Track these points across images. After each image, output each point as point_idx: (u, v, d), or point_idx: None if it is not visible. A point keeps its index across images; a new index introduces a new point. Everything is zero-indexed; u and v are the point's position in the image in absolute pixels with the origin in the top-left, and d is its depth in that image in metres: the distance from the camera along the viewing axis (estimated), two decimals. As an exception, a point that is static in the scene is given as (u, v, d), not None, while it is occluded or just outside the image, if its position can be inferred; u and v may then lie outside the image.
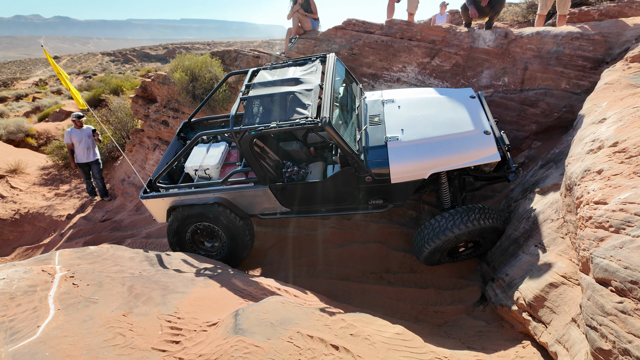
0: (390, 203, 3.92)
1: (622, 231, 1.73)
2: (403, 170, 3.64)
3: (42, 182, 8.67)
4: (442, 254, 3.89)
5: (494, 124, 3.84)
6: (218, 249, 4.36)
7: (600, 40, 4.97)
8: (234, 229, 4.10)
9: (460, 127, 3.75)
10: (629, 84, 3.79)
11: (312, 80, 3.91)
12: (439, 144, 3.64)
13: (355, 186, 3.77)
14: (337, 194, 3.87)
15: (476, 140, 3.63)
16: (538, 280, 2.74)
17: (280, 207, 4.10)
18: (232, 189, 4.00)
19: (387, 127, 3.93)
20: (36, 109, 16.21)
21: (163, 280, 2.75)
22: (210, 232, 4.28)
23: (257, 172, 3.79)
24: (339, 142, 3.45)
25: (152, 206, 4.24)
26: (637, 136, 2.17)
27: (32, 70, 60.87)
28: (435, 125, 3.83)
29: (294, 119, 3.45)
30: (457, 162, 3.60)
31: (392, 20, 6.23)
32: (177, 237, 4.26)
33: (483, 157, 3.59)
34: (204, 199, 4.04)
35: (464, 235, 3.61)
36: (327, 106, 3.48)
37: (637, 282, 1.54)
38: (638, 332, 1.50)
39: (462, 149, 3.60)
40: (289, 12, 6.94)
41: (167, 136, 7.52)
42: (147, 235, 6.09)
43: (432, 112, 4.03)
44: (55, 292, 2.19)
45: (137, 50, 64.84)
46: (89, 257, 2.92)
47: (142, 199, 4.16)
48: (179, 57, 7.22)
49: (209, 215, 4.04)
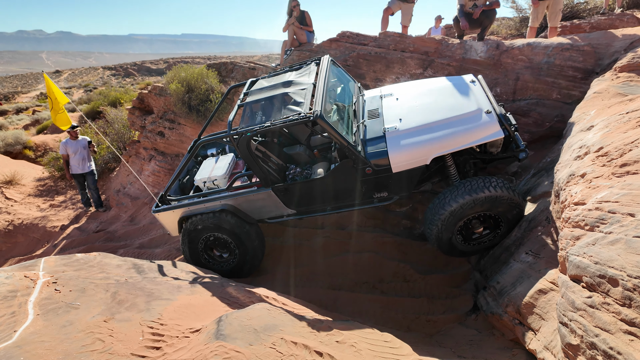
0: (396, 195, 3.78)
1: (596, 229, 1.72)
2: (403, 158, 3.54)
3: (37, 193, 8.66)
4: (453, 235, 3.63)
5: (497, 104, 3.68)
6: (230, 259, 4.35)
7: (589, 51, 5.03)
8: (242, 235, 4.07)
9: (460, 109, 3.64)
10: (617, 92, 3.82)
11: (306, 81, 3.96)
12: (439, 128, 3.53)
13: (357, 179, 3.69)
14: (339, 189, 3.81)
15: (477, 120, 3.50)
16: (527, 287, 2.71)
17: (286, 209, 4.07)
18: (236, 194, 4.00)
19: (385, 119, 3.89)
20: (35, 121, 16.28)
21: (148, 287, 2.72)
22: (222, 242, 4.26)
23: (258, 174, 3.79)
24: (332, 134, 3.44)
25: (164, 219, 4.33)
26: (619, 140, 2.18)
27: (33, 84, 61.40)
28: (435, 110, 3.75)
29: (288, 116, 3.50)
30: (459, 144, 3.46)
31: (386, 32, 6.32)
32: (190, 249, 4.27)
33: (486, 136, 3.43)
34: (211, 207, 4.06)
35: (469, 208, 3.41)
36: (319, 101, 3.51)
37: (605, 275, 1.53)
38: (604, 325, 1.48)
39: (463, 129, 3.47)
40: (284, 24, 7.04)
41: (163, 147, 7.54)
42: (140, 245, 6.05)
43: (431, 100, 3.97)
44: (35, 298, 2.16)
45: (137, 64, 65.55)
46: (75, 264, 2.89)
47: (154, 212, 4.29)
48: (175, 68, 7.29)
49: (216, 223, 4.03)
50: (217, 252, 4.38)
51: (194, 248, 4.26)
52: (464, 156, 3.90)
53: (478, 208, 3.44)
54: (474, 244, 3.79)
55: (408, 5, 6.73)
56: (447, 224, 3.54)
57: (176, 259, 5.05)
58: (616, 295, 1.48)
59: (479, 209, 3.44)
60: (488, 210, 3.46)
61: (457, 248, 3.78)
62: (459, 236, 3.71)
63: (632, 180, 1.78)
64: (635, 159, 1.87)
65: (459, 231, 3.67)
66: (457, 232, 3.66)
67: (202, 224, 4.07)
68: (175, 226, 4.34)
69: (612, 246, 1.59)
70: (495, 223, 3.65)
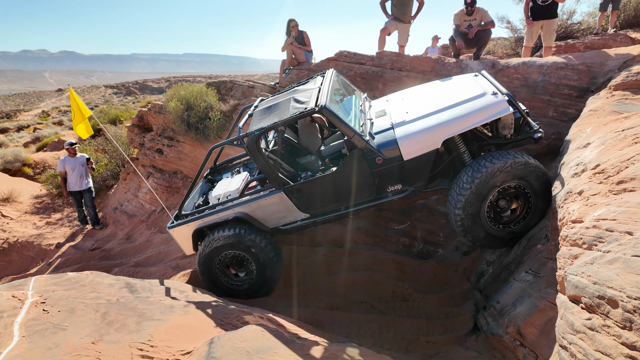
0: (410, 186, 3.66)
1: (594, 247, 1.68)
2: (413, 144, 3.46)
3: (34, 211, 8.61)
4: (481, 215, 3.40)
5: (504, 89, 3.62)
6: (247, 278, 4.24)
7: (584, 70, 5.09)
8: (257, 249, 3.98)
9: (467, 95, 3.64)
10: (612, 110, 3.85)
11: (311, 87, 4.05)
12: (447, 112, 3.51)
13: (368, 171, 3.60)
14: (352, 184, 3.73)
15: (485, 100, 3.48)
16: (528, 307, 2.65)
17: (299, 213, 4.00)
18: (249, 200, 3.96)
19: (392, 115, 3.92)
20: (36, 139, 16.35)
21: (140, 307, 2.65)
22: (238, 260, 4.19)
23: (268, 174, 3.76)
24: (338, 124, 3.46)
25: (178, 235, 4.27)
26: (615, 157, 2.16)
27: (35, 102, 61.99)
28: (441, 100, 3.75)
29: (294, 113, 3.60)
30: (469, 123, 3.40)
31: (383, 51, 6.41)
32: (207, 271, 4.18)
33: (495, 113, 3.38)
34: (224, 216, 4.02)
35: (496, 177, 3.24)
36: (324, 95, 3.60)
37: (604, 296, 1.48)
38: (605, 349, 1.43)
39: (471, 109, 3.44)
40: (283, 44, 7.15)
41: (161, 164, 7.54)
42: (135, 264, 5.97)
43: (437, 93, 4.01)
44: (22, 319, 2.10)
45: (139, 82, 66.38)
46: (65, 283, 2.83)
47: (169, 229, 4.25)
48: (175, 87, 7.36)
49: (231, 241, 3.96)
50: (234, 271, 4.28)
51: (210, 270, 4.16)
52: (478, 143, 3.81)
53: (504, 177, 3.27)
54: (506, 226, 3.55)
55: (404, 26, 6.85)
56: (473, 207, 3.35)
57: (172, 277, 4.97)
58: (616, 318, 1.43)
59: (505, 178, 3.27)
60: (515, 179, 3.30)
61: (488, 232, 3.49)
62: (489, 216, 3.46)
63: (629, 198, 1.75)
64: (632, 176, 1.85)
65: (488, 211, 3.45)
66: (485, 212, 3.43)
67: (217, 242, 3.99)
68: (190, 242, 4.25)
69: (610, 265, 1.55)
70: (525, 200, 3.46)
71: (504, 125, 3.63)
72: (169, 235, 6.35)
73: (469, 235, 3.55)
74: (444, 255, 4.80)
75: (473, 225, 3.46)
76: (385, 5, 6.87)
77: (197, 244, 4.29)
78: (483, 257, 4.22)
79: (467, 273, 4.36)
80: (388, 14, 6.88)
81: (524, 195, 3.44)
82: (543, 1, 5.88)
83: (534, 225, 3.49)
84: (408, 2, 6.69)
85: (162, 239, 6.36)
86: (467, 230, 3.51)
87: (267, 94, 6.72)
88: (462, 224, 3.48)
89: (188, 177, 7.42)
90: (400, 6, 6.72)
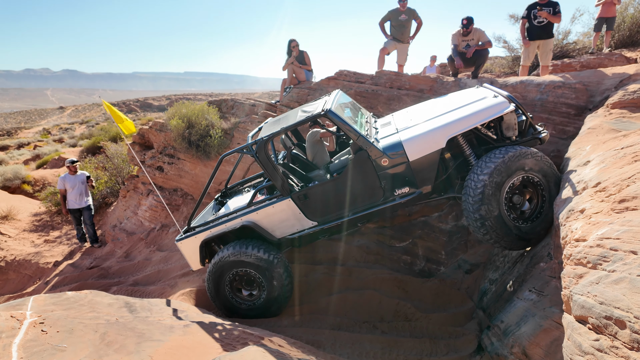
0: (418, 188, 3.67)
1: (599, 266, 1.68)
2: (418, 144, 3.52)
3: (32, 229, 8.56)
4: (501, 211, 3.30)
5: (505, 93, 3.71)
6: (258, 295, 4.17)
7: (581, 89, 5.16)
8: (266, 265, 3.93)
9: (469, 100, 3.80)
10: (610, 128, 3.89)
11: (318, 102, 4.17)
12: (450, 114, 3.63)
13: (374, 173, 3.64)
14: (359, 188, 3.75)
15: (486, 102, 3.61)
16: (533, 326, 2.61)
17: (307, 220, 3.98)
18: (256, 208, 3.97)
19: (397, 123, 4.06)
20: (36, 156, 16.40)
21: (139, 328, 2.61)
22: (248, 278, 4.13)
23: (276, 180, 3.79)
24: (343, 127, 3.56)
25: (186, 248, 4.24)
26: (616, 175, 2.18)
27: (36, 120, 62.43)
28: (444, 106, 3.90)
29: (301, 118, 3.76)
30: (472, 122, 3.49)
31: (382, 70, 6.51)
32: (216, 291, 4.12)
33: (496, 111, 3.49)
34: (232, 226, 4.01)
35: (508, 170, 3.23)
36: (330, 102, 3.76)
37: (611, 317, 1.47)
38: None
39: (474, 110, 3.54)
40: (284, 64, 7.27)
41: (161, 181, 7.55)
42: (134, 282, 5.90)
43: (440, 103, 4.17)
44: (20, 340, 2.07)
45: (140, 100, 67.03)
46: (64, 302, 2.80)
47: (177, 242, 4.24)
48: (176, 105, 7.44)
49: (239, 258, 3.92)
50: (245, 290, 4.21)
51: (219, 288, 4.10)
52: (484, 147, 3.82)
53: (516, 166, 3.27)
54: (527, 221, 3.46)
55: (403, 46, 7.00)
56: (491, 195, 3.28)
57: (171, 296, 4.91)
58: (624, 339, 1.41)
59: (517, 169, 3.28)
60: (526, 171, 3.30)
61: (510, 229, 3.36)
62: (509, 212, 3.38)
63: (632, 217, 1.76)
64: (634, 194, 1.86)
65: (506, 205, 3.38)
66: (505, 207, 3.35)
67: (227, 259, 3.96)
68: (197, 256, 4.21)
69: (616, 285, 1.54)
70: (537, 191, 3.44)
71: (508, 126, 3.67)
72: (168, 254, 6.31)
73: (493, 233, 3.39)
74: (446, 274, 4.76)
75: (496, 223, 3.34)
76: (385, 26, 7.05)
77: (205, 260, 4.25)
78: (486, 275, 4.18)
79: (469, 292, 4.32)
80: (387, 34, 7.04)
81: (535, 187, 3.44)
82: (539, 22, 6.01)
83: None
84: (407, 22, 6.87)
85: (161, 257, 6.31)
86: (491, 230, 3.37)
87: (271, 114, 6.80)
88: (483, 222, 3.35)
89: (188, 195, 7.42)
90: (399, 27, 6.90)
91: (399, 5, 6.83)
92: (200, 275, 5.23)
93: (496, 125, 3.75)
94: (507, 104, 3.52)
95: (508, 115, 3.59)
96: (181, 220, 6.80)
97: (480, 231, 3.44)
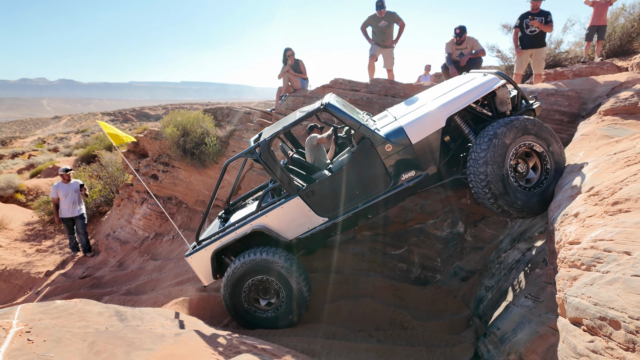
0: (423, 170, 3.73)
1: (593, 268, 1.66)
2: (419, 126, 3.62)
3: (24, 238, 8.45)
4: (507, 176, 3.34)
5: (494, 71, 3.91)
6: (276, 304, 4.06)
7: (574, 96, 5.21)
8: (285, 270, 3.85)
9: (461, 82, 3.95)
10: (603, 135, 3.92)
11: (315, 103, 4.24)
12: (445, 96, 3.76)
13: (380, 160, 3.69)
14: (366, 178, 3.77)
15: (477, 80, 3.77)
16: (529, 333, 2.59)
17: (317, 217, 3.92)
18: (265, 211, 3.92)
19: (393, 114, 4.15)
20: (30, 165, 16.28)
21: (129, 336, 2.56)
22: (265, 287, 4.04)
23: (282, 179, 3.78)
24: (343, 119, 3.64)
25: (197, 263, 4.13)
26: (609, 180, 2.18)
27: (31, 129, 62.20)
28: (438, 92, 4.04)
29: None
30: (467, 99, 3.62)
31: (377, 79, 6.55)
32: (233, 303, 4.01)
33: (489, 87, 3.64)
34: (242, 232, 3.94)
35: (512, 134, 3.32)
36: (328, 97, 3.86)
37: (605, 317, 1.45)
38: None
39: (467, 89, 3.69)
40: (280, 72, 7.30)
41: (156, 190, 7.50)
42: (126, 292, 5.82)
43: (433, 91, 4.33)
44: (6, 349, 2.01)
45: (136, 110, 67.05)
46: (53, 311, 2.74)
47: (187, 258, 4.14)
48: (172, 113, 7.43)
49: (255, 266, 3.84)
50: (263, 300, 4.11)
51: (238, 302, 4.00)
52: (481, 124, 3.88)
53: (520, 133, 3.36)
54: (532, 188, 3.50)
55: (388, 50, 7.01)
56: (494, 163, 3.31)
57: (164, 305, 4.83)
58: (619, 339, 1.39)
59: (516, 134, 3.36)
60: (530, 138, 3.39)
61: (517, 196, 3.39)
62: (513, 176, 3.43)
63: (625, 218, 1.75)
64: (627, 197, 1.86)
65: (512, 171, 3.43)
66: (510, 171, 3.39)
67: (241, 270, 3.87)
68: (209, 268, 4.11)
69: (610, 286, 1.52)
70: (540, 159, 3.53)
71: (502, 101, 3.78)
72: (162, 262, 6.24)
73: (501, 201, 3.40)
74: (442, 281, 4.73)
75: (502, 187, 3.35)
76: (367, 31, 7.03)
77: (217, 275, 4.17)
78: (482, 282, 4.16)
79: (466, 299, 4.29)
80: (369, 39, 7.03)
81: (538, 156, 3.52)
82: (531, 31, 6.09)
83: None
84: (387, 28, 6.85)
85: (155, 266, 6.23)
86: (497, 195, 3.38)
87: (267, 122, 6.80)
88: (489, 187, 3.36)
89: (183, 203, 7.37)
90: (380, 33, 6.88)
91: (377, 12, 6.75)
92: (194, 284, 5.16)
93: (490, 102, 3.86)
94: (497, 79, 3.68)
95: (500, 90, 3.72)
96: (175, 229, 6.74)
97: (489, 201, 3.46)
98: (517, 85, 3.83)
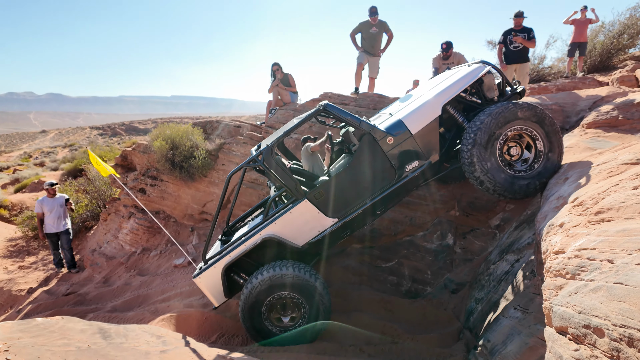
0: (426, 160, 3.88)
1: (577, 277, 1.68)
2: (417, 117, 3.79)
3: (6, 254, 8.23)
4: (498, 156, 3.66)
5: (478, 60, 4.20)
6: (298, 317, 3.91)
7: (557, 110, 5.34)
8: (304, 282, 3.70)
9: (448, 75, 4.27)
10: (586, 147, 4.00)
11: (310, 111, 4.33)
12: (437, 88, 4.00)
13: (383, 154, 3.78)
14: (371, 172, 3.82)
15: (464, 70, 4.08)
16: (519, 345, 2.57)
17: (326, 219, 3.86)
18: (274, 219, 3.84)
19: (389, 111, 4.33)
20: (15, 180, 15.96)
21: (112, 354, 2.48)
22: (284, 303, 3.88)
23: (289, 184, 3.75)
24: (343, 118, 3.76)
25: (205, 283, 3.95)
26: (592, 190, 2.22)
27: (17, 144, 61.27)
28: (428, 87, 4.27)
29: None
30: (458, 88, 3.89)
31: (365, 93, 6.63)
32: (254, 323, 3.83)
33: (476, 75, 3.94)
34: (252, 243, 3.82)
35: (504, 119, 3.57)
36: (325, 102, 3.92)
37: (590, 326, 1.45)
38: None
39: (457, 79, 3.96)
40: (269, 86, 7.35)
41: (144, 204, 7.40)
42: (112, 308, 5.68)
43: (422, 88, 4.57)
44: (-19, 369, 1.93)
45: (125, 124, 66.63)
46: (33, 329, 2.65)
47: (195, 279, 3.96)
48: (160, 126, 7.39)
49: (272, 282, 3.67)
50: (284, 317, 3.96)
51: (260, 324, 3.83)
52: (472, 113, 4.10)
53: (508, 116, 3.60)
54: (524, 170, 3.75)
55: (374, 59, 7.14)
56: (485, 148, 3.59)
57: (150, 322, 4.72)
58: (603, 347, 1.39)
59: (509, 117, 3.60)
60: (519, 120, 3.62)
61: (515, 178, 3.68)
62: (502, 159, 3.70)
63: (607, 227, 1.78)
64: (609, 206, 1.90)
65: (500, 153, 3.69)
66: (498, 154, 3.66)
67: (259, 288, 3.69)
68: (220, 286, 3.92)
69: (594, 294, 1.53)
70: (532, 141, 3.74)
71: (489, 87, 4.06)
72: (149, 278, 6.12)
73: (490, 179, 3.65)
74: (432, 294, 4.71)
75: (490, 165, 3.63)
76: (356, 38, 7.17)
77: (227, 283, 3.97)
78: (472, 294, 4.16)
79: (456, 312, 4.27)
80: (358, 47, 7.16)
81: (531, 138, 3.74)
82: (515, 47, 6.26)
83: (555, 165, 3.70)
84: (377, 35, 7.00)
85: (142, 281, 6.11)
86: (491, 178, 3.64)
87: (256, 135, 6.80)
88: (478, 165, 3.63)
89: (171, 217, 7.28)
90: (369, 40, 7.02)
91: (370, 19, 6.91)
92: (182, 300, 5.06)
93: (478, 90, 4.11)
94: (482, 66, 3.98)
95: (487, 77, 4.01)
96: (163, 244, 6.65)
97: (482, 185, 3.72)
98: (501, 72, 4.10)
